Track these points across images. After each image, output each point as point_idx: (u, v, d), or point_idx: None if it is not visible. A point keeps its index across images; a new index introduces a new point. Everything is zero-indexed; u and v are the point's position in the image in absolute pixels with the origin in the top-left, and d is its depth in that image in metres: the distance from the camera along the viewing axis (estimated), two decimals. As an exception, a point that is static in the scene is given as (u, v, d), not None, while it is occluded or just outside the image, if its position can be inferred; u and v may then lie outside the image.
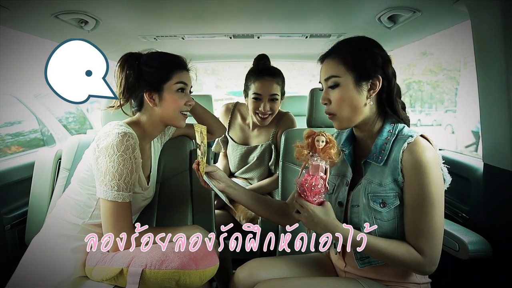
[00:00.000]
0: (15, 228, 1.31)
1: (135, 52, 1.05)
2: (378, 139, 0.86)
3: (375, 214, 0.83)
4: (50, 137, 2.03)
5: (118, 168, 0.89)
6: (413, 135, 0.81)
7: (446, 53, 10.47)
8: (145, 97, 1.01)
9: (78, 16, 1.22)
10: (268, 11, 1.34)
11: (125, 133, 0.92)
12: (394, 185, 0.81)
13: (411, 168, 0.78)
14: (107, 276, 0.88)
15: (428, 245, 0.78)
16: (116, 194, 0.89)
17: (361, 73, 0.84)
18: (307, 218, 0.82)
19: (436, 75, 11.33)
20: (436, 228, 0.78)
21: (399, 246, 0.80)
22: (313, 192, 0.81)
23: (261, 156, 1.58)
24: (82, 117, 2.60)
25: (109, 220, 0.89)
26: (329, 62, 0.87)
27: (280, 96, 1.51)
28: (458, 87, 10.94)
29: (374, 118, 0.88)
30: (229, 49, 2.09)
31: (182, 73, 1.04)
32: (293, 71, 10.69)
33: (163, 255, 0.85)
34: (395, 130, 0.84)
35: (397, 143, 0.82)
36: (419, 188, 0.78)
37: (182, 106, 1.03)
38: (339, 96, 0.85)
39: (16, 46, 4.68)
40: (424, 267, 0.79)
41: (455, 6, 1.10)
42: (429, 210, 0.78)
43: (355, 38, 0.89)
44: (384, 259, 0.81)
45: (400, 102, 0.89)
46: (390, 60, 0.87)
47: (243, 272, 0.97)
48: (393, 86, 0.86)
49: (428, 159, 0.77)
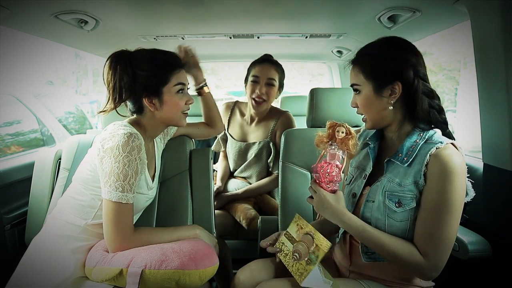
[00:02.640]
0: (15, 228, 1.31)
1: (125, 50, 0.98)
2: (407, 140, 0.85)
3: (388, 212, 0.83)
4: (50, 137, 2.03)
5: (123, 169, 0.89)
6: (443, 141, 0.80)
7: (446, 53, 10.47)
8: (144, 102, 0.99)
9: (78, 16, 1.22)
10: (268, 11, 1.34)
11: (130, 133, 0.92)
12: (414, 187, 0.81)
13: (436, 172, 0.77)
14: (106, 276, 0.87)
15: (434, 250, 0.77)
16: (120, 195, 0.88)
17: (379, 81, 0.85)
18: (318, 203, 0.86)
19: (436, 75, 11.32)
20: (448, 236, 0.77)
21: (403, 244, 0.80)
22: (327, 179, 0.85)
23: (259, 153, 1.58)
24: (82, 117, 2.60)
25: (111, 221, 0.89)
26: (353, 70, 0.90)
27: (278, 85, 1.54)
28: (458, 87, 10.94)
29: (401, 121, 0.88)
30: (229, 49, 2.09)
31: (180, 72, 1.01)
32: (293, 71, 10.69)
33: (163, 255, 0.85)
34: (425, 134, 0.83)
35: (426, 147, 0.81)
36: (440, 193, 0.77)
37: (183, 107, 1.03)
38: (362, 101, 0.89)
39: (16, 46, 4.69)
40: (423, 270, 0.79)
41: (455, 6, 1.10)
42: (446, 217, 0.76)
43: (374, 44, 0.89)
44: (385, 254, 0.82)
45: (430, 104, 0.84)
46: (413, 61, 0.83)
47: (244, 273, 0.97)
48: (415, 88, 0.82)
49: (456, 165, 0.76)
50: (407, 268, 0.82)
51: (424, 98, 0.83)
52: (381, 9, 1.24)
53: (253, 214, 1.45)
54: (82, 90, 11.21)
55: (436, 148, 0.78)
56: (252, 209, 1.49)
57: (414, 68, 0.83)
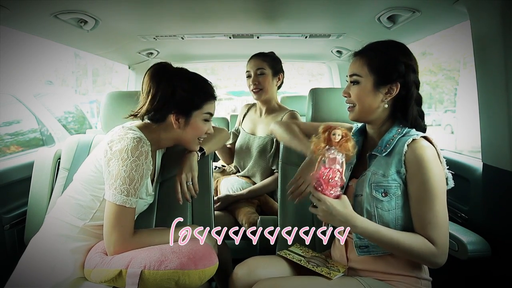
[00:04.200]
0: (14, 228, 1.31)
1: (169, 64, 1.04)
2: (386, 135, 0.92)
3: (376, 203, 0.88)
4: (49, 137, 2.02)
5: (130, 173, 0.89)
6: (418, 134, 0.87)
7: (446, 53, 10.49)
8: (171, 118, 1.01)
9: (77, 15, 1.22)
10: (267, 11, 1.34)
11: (140, 138, 0.92)
12: (397, 176, 0.86)
13: (414, 162, 0.84)
14: (106, 277, 0.87)
15: (439, 236, 0.81)
16: (125, 199, 0.89)
17: (381, 77, 0.90)
18: (325, 212, 0.84)
19: (436, 75, 11.33)
20: (443, 220, 0.82)
21: (416, 238, 0.83)
22: (330, 185, 0.83)
23: (263, 148, 1.59)
24: (81, 117, 2.60)
25: (112, 223, 0.89)
26: (357, 61, 0.93)
27: (272, 72, 1.59)
28: (457, 87, 10.96)
29: (385, 119, 0.94)
30: (229, 49, 2.09)
31: (212, 103, 1.06)
32: (292, 71, 10.70)
33: (162, 255, 0.85)
34: (403, 130, 0.90)
35: (403, 139, 0.87)
36: (421, 182, 0.82)
37: (202, 134, 1.07)
38: (357, 93, 0.93)
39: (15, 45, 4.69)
40: (437, 258, 0.82)
41: (455, 6, 1.10)
42: (433, 203, 0.82)
43: (386, 43, 0.94)
44: (402, 251, 0.83)
45: (418, 111, 0.92)
46: (415, 69, 0.91)
47: (242, 269, 0.98)
48: (411, 94, 0.90)
49: (428, 156, 0.83)
50: (422, 260, 0.84)
51: (415, 105, 0.91)
52: (381, 9, 1.24)
53: (256, 219, 1.46)
54: (81, 90, 11.22)
55: (412, 139, 0.85)
56: (255, 213, 1.50)
57: (415, 75, 0.91)
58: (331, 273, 0.91)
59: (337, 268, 0.95)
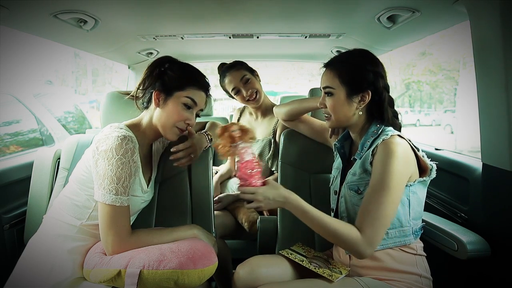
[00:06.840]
0: (14, 228, 1.31)
1: (172, 57, 1.07)
2: (363, 138, 0.97)
3: (354, 201, 0.95)
4: (49, 137, 2.02)
5: (116, 171, 0.88)
6: (390, 133, 0.92)
7: (445, 53, 10.49)
8: (153, 95, 1.02)
9: (77, 15, 1.22)
10: (267, 11, 1.34)
11: (124, 136, 0.91)
12: (365, 174, 0.92)
13: (379, 158, 0.88)
14: (105, 277, 0.87)
15: (370, 227, 0.84)
16: (114, 198, 0.88)
17: (353, 88, 0.95)
18: (262, 200, 0.88)
19: (435, 75, 11.34)
20: (383, 214, 0.84)
21: (344, 224, 0.88)
22: (254, 175, 0.88)
23: (262, 151, 1.59)
24: (81, 117, 2.60)
25: (106, 223, 0.89)
26: (328, 73, 0.99)
27: (252, 75, 1.59)
28: (457, 87, 10.96)
29: (364, 123, 1.00)
30: (229, 49, 2.09)
31: (198, 92, 1.03)
32: (292, 71, 10.72)
33: (161, 255, 0.85)
34: (378, 130, 0.95)
35: (376, 141, 0.92)
36: (380, 174, 0.86)
37: (179, 122, 1.02)
38: (332, 104, 0.98)
39: (15, 45, 4.68)
40: (359, 246, 0.84)
41: (454, 6, 1.10)
42: (383, 196, 0.84)
43: (352, 53, 1.00)
44: (327, 234, 0.88)
45: (392, 111, 0.99)
46: (383, 75, 0.97)
47: (244, 268, 0.98)
48: (383, 99, 0.96)
49: (396, 152, 0.86)
50: (346, 245, 0.87)
51: (388, 107, 0.97)
52: (381, 9, 1.24)
53: (256, 217, 1.46)
54: (81, 90, 11.22)
55: (382, 139, 0.90)
56: (255, 212, 1.50)
57: (383, 80, 0.97)
58: (333, 275, 0.91)
59: (339, 270, 0.95)
